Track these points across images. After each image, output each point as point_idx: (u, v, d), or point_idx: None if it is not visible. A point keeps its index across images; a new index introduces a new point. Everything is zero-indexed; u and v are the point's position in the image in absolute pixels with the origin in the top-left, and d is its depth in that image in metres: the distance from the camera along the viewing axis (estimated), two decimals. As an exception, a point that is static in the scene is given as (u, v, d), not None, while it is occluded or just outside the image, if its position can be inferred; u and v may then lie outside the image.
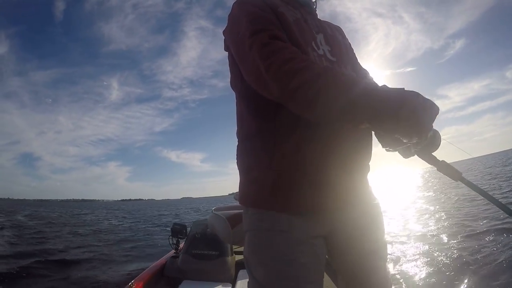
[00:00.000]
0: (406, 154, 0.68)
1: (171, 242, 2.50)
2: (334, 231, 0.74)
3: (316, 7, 0.89)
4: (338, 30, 0.91)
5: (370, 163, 0.79)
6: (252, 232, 0.73)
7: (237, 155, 0.81)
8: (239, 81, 0.77)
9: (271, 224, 0.69)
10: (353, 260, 0.75)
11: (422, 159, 0.65)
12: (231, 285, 2.13)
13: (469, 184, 0.63)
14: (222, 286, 2.08)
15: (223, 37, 0.80)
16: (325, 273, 0.82)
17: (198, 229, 2.40)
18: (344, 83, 0.55)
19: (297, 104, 0.59)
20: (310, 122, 0.65)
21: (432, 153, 0.64)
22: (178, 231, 2.50)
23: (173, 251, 2.48)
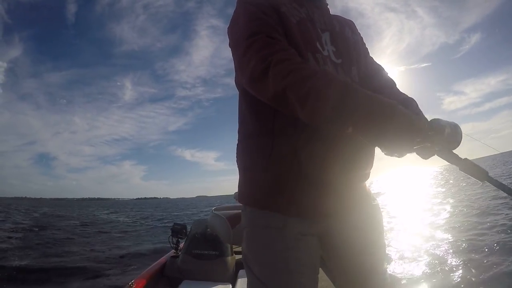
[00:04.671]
0: (425, 154, 0.62)
1: (171, 242, 2.50)
2: (332, 231, 0.75)
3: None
4: (349, 25, 0.88)
5: (371, 171, 0.78)
6: (249, 228, 0.75)
7: (237, 153, 0.82)
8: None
9: (267, 222, 0.71)
10: (352, 260, 0.76)
11: (443, 158, 0.59)
12: (231, 285, 2.13)
13: (498, 184, 0.56)
14: (222, 286, 2.08)
15: (228, 34, 0.78)
16: (321, 270, 0.83)
17: (198, 229, 2.40)
18: (334, 86, 0.54)
19: (289, 103, 0.58)
20: (308, 125, 0.64)
21: (453, 151, 0.58)
22: (178, 231, 2.49)
23: (173, 251, 2.47)
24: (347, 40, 0.82)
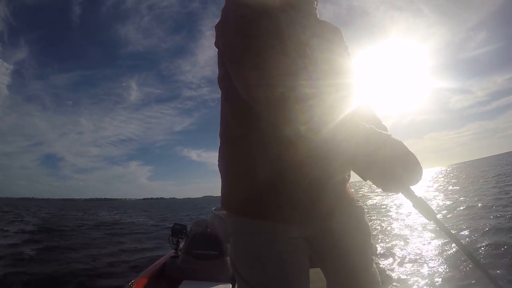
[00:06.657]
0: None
1: (171, 242, 2.50)
2: (322, 233, 0.76)
3: (317, 4, 0.85)
4: (336, 32, 0.89)
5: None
6: (236, 235, 0.73)
7: (218, 157, 0.80)
8: (226, 81, 0.75)
9: (255, 228, 0.70)
10: (342, 261, 0.77)
11: (402, 192, 0.63)
12: (231, 285, 2.13)
13: (442, 226, 0.61)
14: (222, 286, 2.09)
15: (215, 32, 0.77)
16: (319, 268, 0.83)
17: (198, 229, 2.40)
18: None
19: (282, 110, 0.61)
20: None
21: (410, 187, 0.61)
22: (178, 231, 2.50)
23: (173, 251, 2.48)
24: (333, 47, 0.83)
